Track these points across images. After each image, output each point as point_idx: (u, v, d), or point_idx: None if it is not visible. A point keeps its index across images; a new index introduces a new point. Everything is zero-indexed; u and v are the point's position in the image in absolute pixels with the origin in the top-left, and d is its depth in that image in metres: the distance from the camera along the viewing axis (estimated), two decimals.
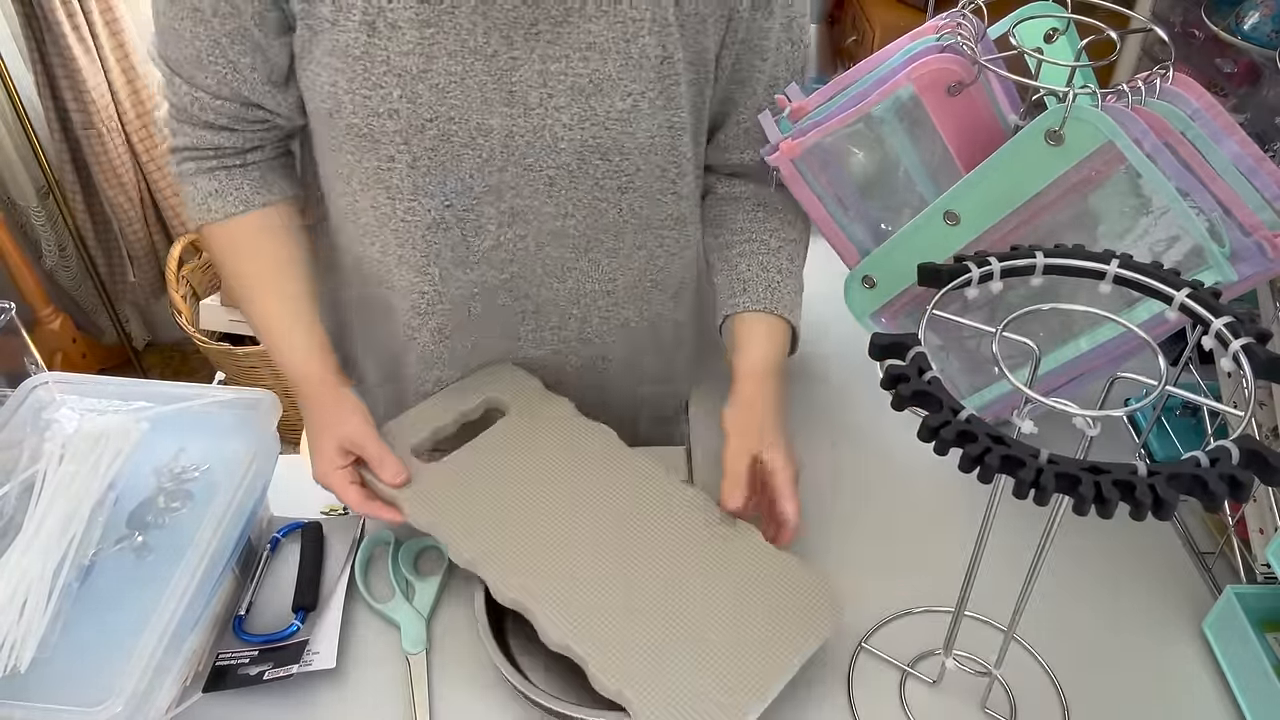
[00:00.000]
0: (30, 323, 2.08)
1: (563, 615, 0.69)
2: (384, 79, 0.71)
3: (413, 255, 0.82)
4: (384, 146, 0.74)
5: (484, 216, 0.80)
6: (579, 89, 0.74)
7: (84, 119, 1.90)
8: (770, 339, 0.84)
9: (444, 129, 0.74)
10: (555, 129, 0.75)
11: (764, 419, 0.79)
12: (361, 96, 0.72)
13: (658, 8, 0.73)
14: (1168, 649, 0.76)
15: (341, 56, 0.71)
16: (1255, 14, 1.03)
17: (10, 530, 0.68)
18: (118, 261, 2.17)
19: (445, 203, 0.78)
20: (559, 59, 0.73)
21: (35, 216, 2.08)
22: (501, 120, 0.74)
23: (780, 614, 0.71)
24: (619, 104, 0.75)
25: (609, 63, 0.73)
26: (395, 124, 0.73)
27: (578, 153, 0.77)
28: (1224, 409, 0.53)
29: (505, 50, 0.71)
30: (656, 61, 0.74)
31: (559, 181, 0.78)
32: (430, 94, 0.72)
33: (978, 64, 0.76)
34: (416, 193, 0.77)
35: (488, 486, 0.78)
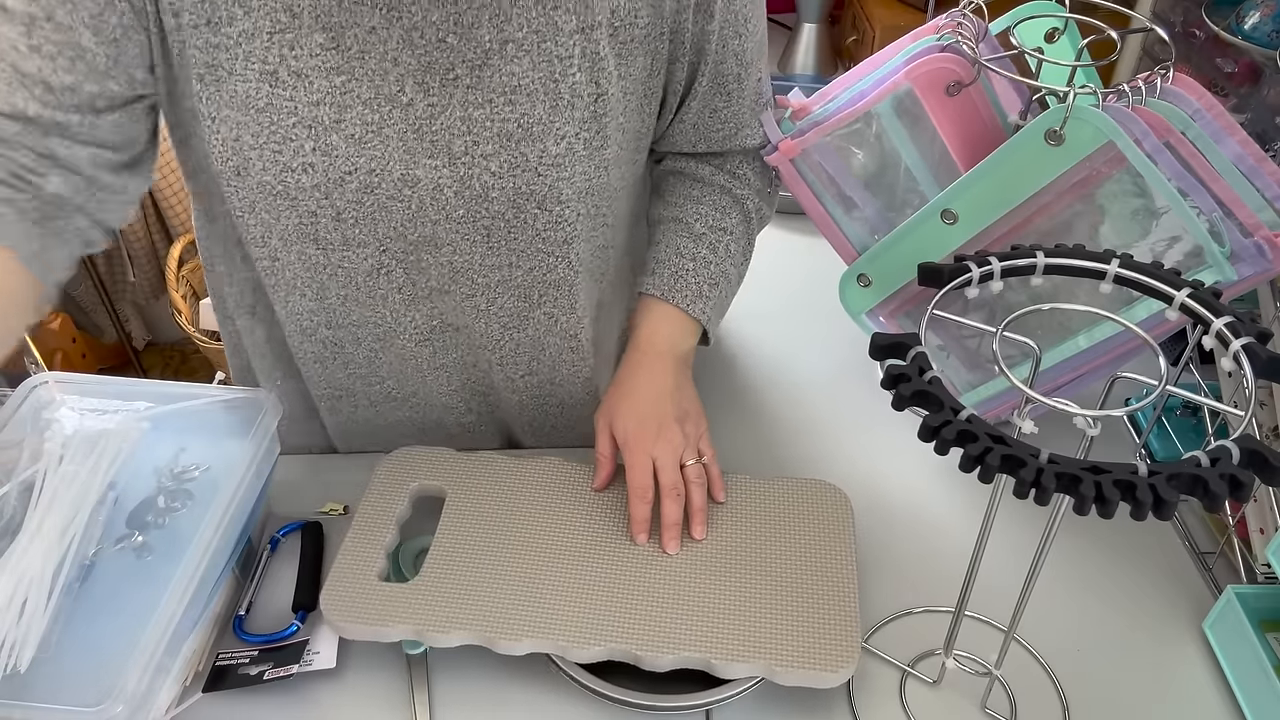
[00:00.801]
0: None
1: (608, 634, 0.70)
2: (293, 131, 0.66)
3: (358, 295, 0.78)
4: (303, 203, 0.70)
5: (424, 263, 0.76)
6: (506, 135, 0.69)
7: None
8: (662, 322, 0.83)
9: (366, 181, 0.69)
10: (484, 178, 0.71)
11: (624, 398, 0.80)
12: (271, 151, 0.67)
13: (588, 42, 0.68)
14: (1168, 649, 0.76)
15: (243, 109, 0.66)
16: (1255, 14, 1.03)
17: (10, 530, 0.68)
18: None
19: (382, 249, 0.74)
20: (482, 105, 0.68)
21: None
22: (426, 171, 0.70)
23: (800, 534, 0.75)
24: (551, 148, 0.70)
25: (538, 106, 0.69)
26: (311, 178, 0.68)
27: (511, 201, 0.73)
28: (1224, 409, 0.53)
29: (422, 98, 0.67)
30: (589, 100, 0.70)
31: (496, 233, 0.75)
32: (346, 145, 0.67)
33: (977, 64, 0.76)
34: (348, 244, 0.73)
35: (476, 572, 0.74)
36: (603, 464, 0.80)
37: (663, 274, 0.84)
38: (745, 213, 0.88)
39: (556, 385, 0.88)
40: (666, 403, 0.80)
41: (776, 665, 0.68)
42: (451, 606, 0.71)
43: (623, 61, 0.71)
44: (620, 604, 0.71)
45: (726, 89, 0.79)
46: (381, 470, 0.81)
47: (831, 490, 0.80)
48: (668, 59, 0.74)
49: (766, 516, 0.78)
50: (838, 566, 0.74)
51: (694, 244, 0.84)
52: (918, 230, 0.81)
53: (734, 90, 0.80)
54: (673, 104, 0.79)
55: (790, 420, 0.97)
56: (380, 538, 0.76)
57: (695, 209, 0.86)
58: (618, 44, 0.70)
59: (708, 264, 0.84)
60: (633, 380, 0.81)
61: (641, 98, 0.75)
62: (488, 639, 0.69)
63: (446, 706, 0.72)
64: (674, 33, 0.73)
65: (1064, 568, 0.81)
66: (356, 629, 0.70)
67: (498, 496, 0.79)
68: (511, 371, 0.85)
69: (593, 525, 0.77)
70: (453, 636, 0.70)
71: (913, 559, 0.83)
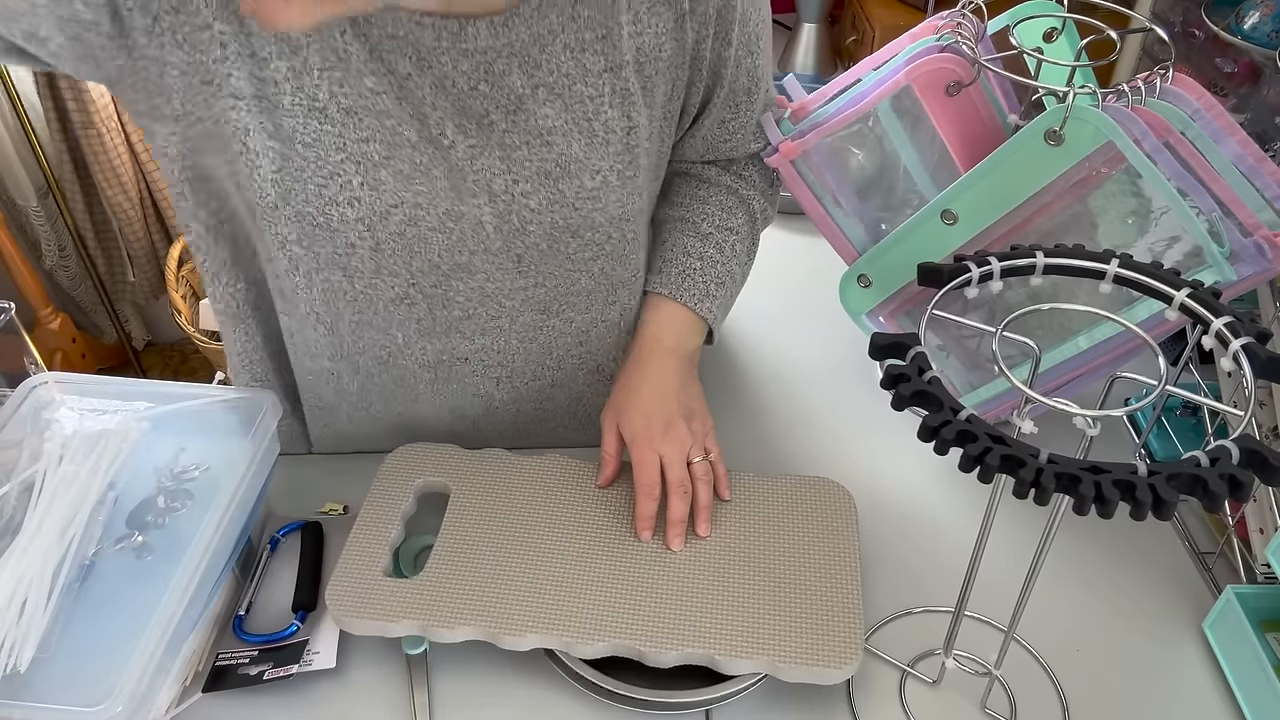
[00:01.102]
0: (30, 323, 2.08)
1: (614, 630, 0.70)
2: (342, 166, 0.66)
3: (375, 320, 0.78)
4: (343, 234, 0.70)
5: (452, 291, 0.76)
6: (545, 173, 0.71)
7: (84, 119, 1.90)
8: (669, 320, 0.84)
9: (411, 214, 0.70)
10: (523, 213, 0.72)
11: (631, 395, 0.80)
12: (316, 184, 0.67)
13: (617, 80, 0.70)
14: (1168, 649, 0.76)
15: (288, 143, 0.65)
16: (1255, 14, 1.03)
17: (10, 530, 0.68)
18: (117, 261, 2.17)
19: (410, 281, 0.75)
20: (519, 146, 0.69)
21: (35, 216, 2.08)
22: (470, 208, 0.71)
23: (803, 530, 0.76)
24: (588, 183, 0.72)
25: (574, 144, 0.70)
26: (356, 211, 0.68)
27: (548, 234, 0.74)
28: (1224, 409, 0.53)
29: (462, 140, 0.68)
30: (622, 134, 0.72)
31: (528, 259, 0.75)
32: (395, 181, 0.68)
33: (977, 64, 0.76)
34: (379, 272, 0.73)
35: (480, 568, 0.74)
36: (608, 461, 0.80)
37: (670, 272, 0.84)
38: (750, 213, 0.89)
39: (556, 387, 0.88)
40: (673, 400, 0.80)
41: (780, 661, 0.68)
42: (456, 602, 0.71)
43: (648, 92, 0.72)
44: (624, 600, 0.71)
45: (737, 103, 0.81)
46: (387, 466, 0.81)
47: (834, 487, 0.80)
48: (686, 83, 0.76)
49: (769, 513, 0.78)
50: (841, 563, 0.74)
51: (701, 243, 0.85)
52: (918, 230, 0.81)
53: (744, 104, 0.81)
54: (685, 122, 0.81)
55: (790, 420, 0.97)
56: (385, 533, 0.76)
57: (702, 209, 0.86)
58: (643, 78, 0.72)
59: (714, 263, 0.85)
60: (639, 377, 0.82)
61: (663, 121, 0.77)
62: (492, 634, 0.69)
63: (446, 706, 0.72)
64: (694, 59, 0.74)
65: (1064, 568, 0.81)
66: (362, 624, 0.70)
67: (502, 493, 0.79)
68: (518, 381, 0.86)
69: (597, 522, 0.77)
70: (457, 632, 0.70)
71: (913, 559, 0.83)
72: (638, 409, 0.79)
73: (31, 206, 2.06)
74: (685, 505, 0.76)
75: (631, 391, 0.81)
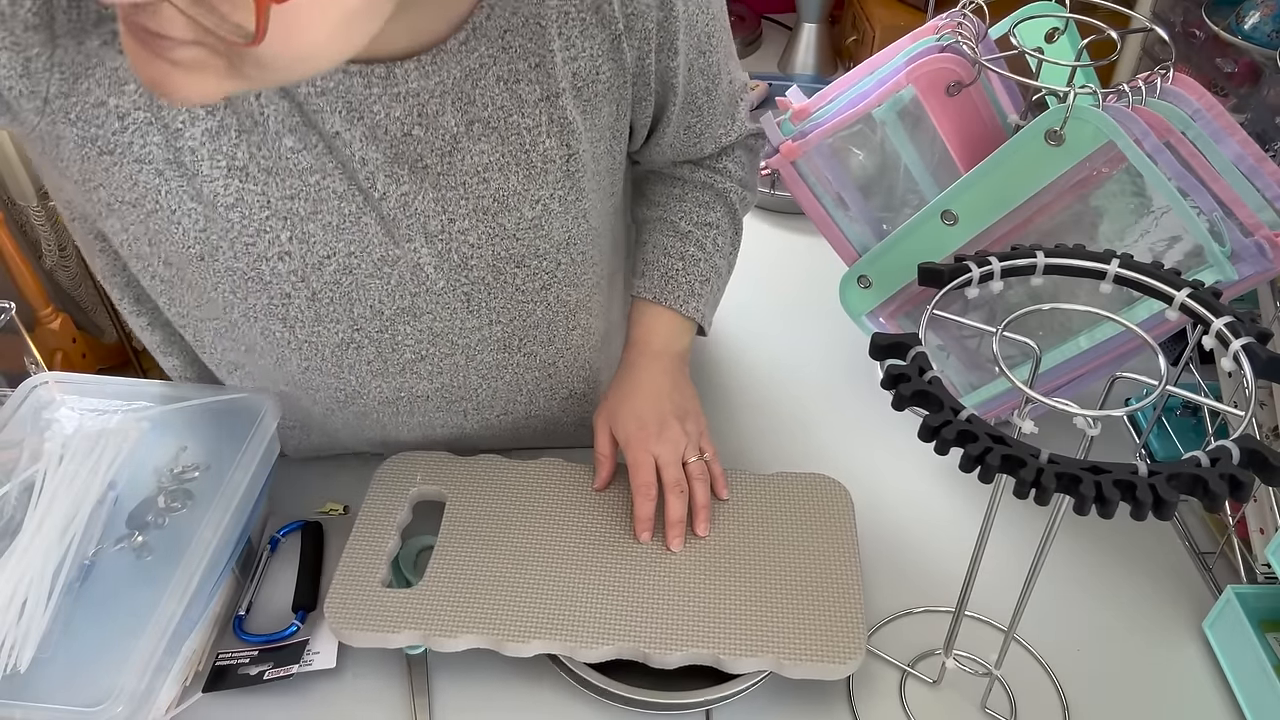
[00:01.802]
0: (30, 322, 2.07)
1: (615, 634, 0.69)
2: (267, 223, 0.64)
3: (324, 365, 0.75)
4: (276, 286, 0.67)
5: (400, 335, 0.74)
6: (482, 210, 0.68)
7: None
8: (656, 323, 0.83)
9: (344, 263, 0.67)
10: (463, 250, 0.70)
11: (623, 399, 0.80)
12: (244, 243, 0.64)
13: (554, 108, 0.67)
14: (1168, 649, 0.76)
15: (210, 205, 0.62)
16: (1255, 14, 1.03)
17: (10, 530, 0.68)
18: None
19: (354, 326, 0.72)
20: (454, 186, 0.67)
21: (35, 216, 2.07)
22: (405, 251, 0.68)
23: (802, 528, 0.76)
24: (528, 213, 0.70)
25: (511, 178, 0.68)
26: (288, 265, 0.66)
27: (491, 266, 0.72)
28: (1224, 409, 0.53)
29: (394, 189, 0.65)
30: (561, 162, 0.69)
31: (475, 296, 0.73)
32: (324, 233, 0.65)
33: (978, 64, 0.76)
34: (320, 320, 0.71)
35: (480, 575, 0.73)
36: (602, 463, 0.80)
37: (653, 276, 0.84)
38: (729, 204, 0.87)
39: (531, 417, 0.87)
40: (665, 401, 0.80)
41: (784, 659, 0.68)
42: (457, 611, 0.70)
43: (588, 116, 0.70)
44: (627, 603, 0.71)
45: (698, 105, 0.78)
46: (380, 476, 0.81)
47: (830, 483, 0.80)
48: (632, 100, 0.73)
49: (768, 511, 0.78)
50: (840, 558, 0.74)
51: (681, 242, 0.84)
52: (918, 231, 0.81)
53: (705, 104, 0.79)
54: (642, 134, 0.78)
55: (790, 421, 0.97)
56: (381, 544, 0.75)
57: (679, 207, 0.85)
58: (582, 103, 0.69)
59: (697, 261, 0.84)
60: (631, 381, 0.81)
61: (610, 141, 0.74)
62: (495, 642, 0.69)
63: (446, 706, 0.72)
64: (637, 77, 0.72)
65: (1064, 568, 0.81)
66: (362, 637, 0.70)
67: (498, 499, 0.79)
68: (487, 414, 0.84)
69: (595, 525, 0.77)
70: (460, 641, 0.69)
71: (913, 559, 0.83)
72: (630, 411, 0.79)
73: (31, 206, 2.06)
74: (683, 505, 0.75)
75: (624, 396, 0.80)
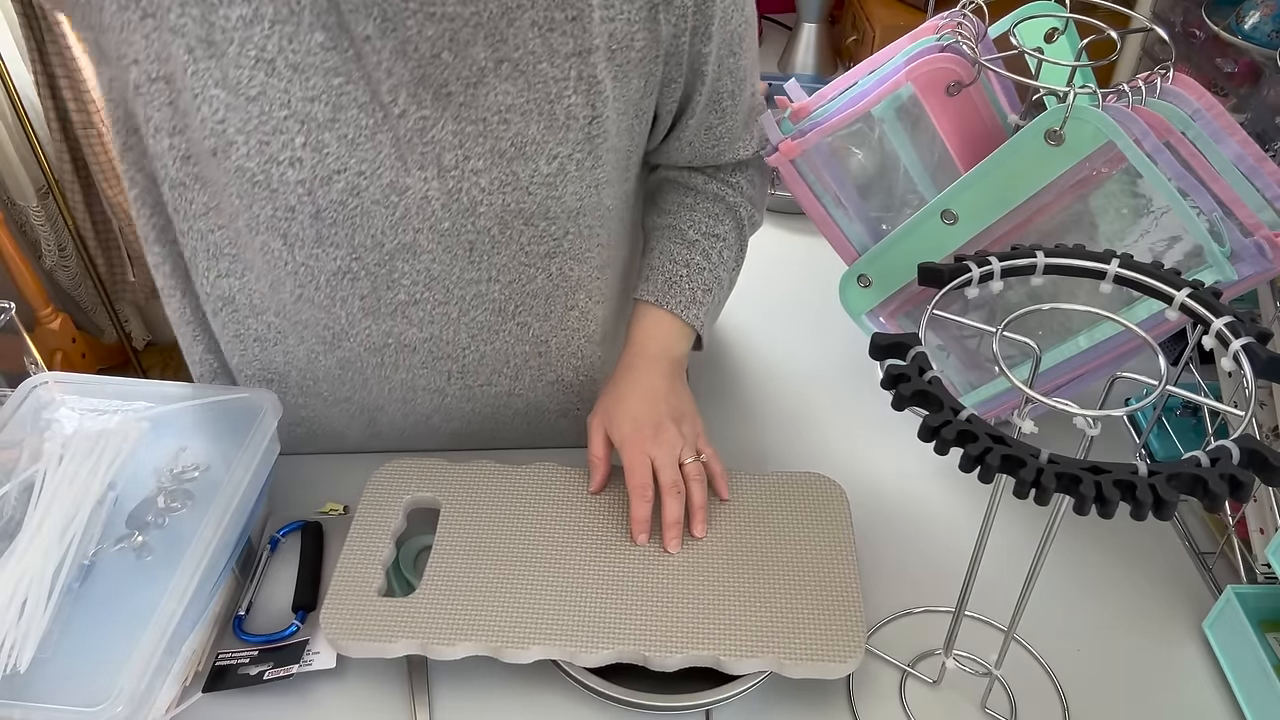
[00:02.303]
0: (30, 322, 2.08)
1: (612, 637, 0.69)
2: (285, 123, 0.64)
3: (316, 296, 0.75)
4: (283, 195, 0.68)
5: (397, 272, 0.74)
6: (499, 152, 0.69)
7: (84, 119, 1.90)
8: (655, 327, 0.83)
9: (353, 182, 0.68)
10: (473, 192, 0.70)
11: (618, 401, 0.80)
12: (259, 139, 0.65)
13: (584, 66, 0.67)
14: (1168, 649, 0.76)
15: (233, 93, 0.63)
16: (1255, 14, 1.03)
17: (10, 530, 0.68)
18: (117, 261, 2.17)
19: (353, 255, 0.73)
20: (475, 121, 0.67)
21: (35, 216, 2.08)
22: (416, 181, 0.69)
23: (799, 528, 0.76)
24: (544, 168, 0.70)
25: (532, 126, 0.68)
26: (298, 173, 0.66)
27: (499, 218, 0.72)
28: (1224, 409, 0.53)
29: (415, 110, 0.66)
30: (584, 122, 0.69)
31: (479, 247, 0.74)
32: (338, 144, 0.66)
33: (977, 64, 0.76)
34: (320, 241, 0.71)
35: (477, 582, 0.73)
36: (597, 466, 0.79)
37: (657, 280, 0.84)
38: (738, 220, 0.88)
39: (514, 396, 0.87)
40: (661, 404, 0.80)
41: (784, 659, 0.68)
42: (455, 619, 0.70)
43: (618, 84, 0.70)
44: (625, 606, 0.71)
45: (721, 106, 0.79)
46: (373, 484, 0.80)
47: (826, 482, 0.80)
48: (661, 81, 0.74)
49: (764, 511, 0.78)
50: (838, 557, 0.74)
51: (688, 251, 0.84)
52: (918, 230, 0.81)
53: (729, 107, 0.80)
54: (666, 121, 0.79)
55: (790, 421, 0.97)
56: (376, 553, 0.75)
57: (689, 216, 0.86)
58: (614, 67, 0.69)
59: (701, 270, 0.84)
60: (627, 383, 0.81)
61: (633, 118, 0.75)
62: (494, 649, 0.69)
63: (446, 705, 0.72)
64: (670, 55, 0.72)
65: (1064, 568, 0.81)
66: (359, 647, 0.70)
67: (493, 504, 0.78)
68: (471, 380, 0.84)
69: (592, 529, 0.77)
70: (458, 649, 0.69)
71: (913, 559, 0.83)
72: (625, 413, 0.79)
73: (31, 206, 2.06)
74: (680, 506, 0.75)
75: (619, 398, 0.80)
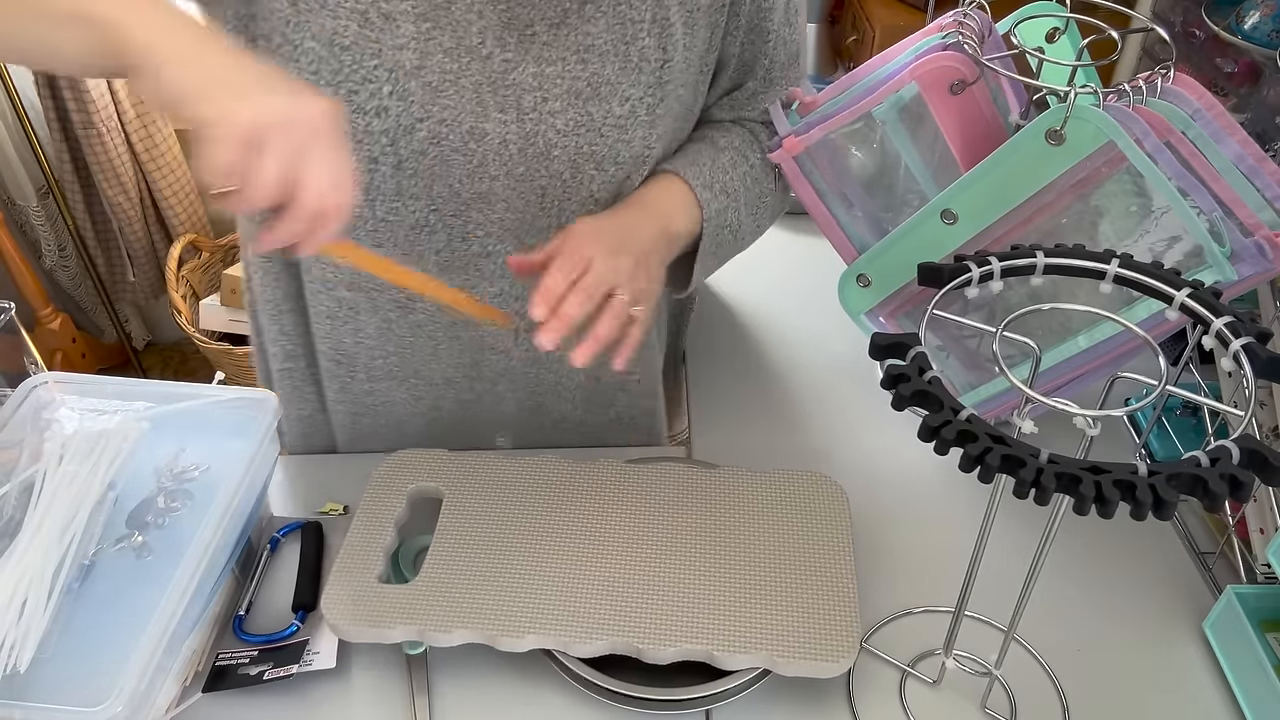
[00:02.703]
0: (30, 322, 2.08)
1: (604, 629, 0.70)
2: (375, 73, 0.66)
3: (393, 253, 0.76)
4: (366, 147, 0.70)
5: (472, 223, 0.75)
6: (575, 93, 0.70)
7: (84, 119, 1.90)
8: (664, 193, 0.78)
9: (435, 130, 0.69)
10: (549, 134, 0.71)
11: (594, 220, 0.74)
12: (348, 89, 0.67)
13: (659, 8, 0.70)
14: (1168, 649, 0.76)
15: (328, 44, 0.65)
16: (1255, 14, 1.03)
17: (10, 530, 0.68)
18: (117, 261, 2.17)
19: (431, 206, 0.74)
20: (555, 61, 0.69)
21: (35, 216, 2.08)
22: (495, 125, 0.70)
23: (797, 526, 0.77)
24: (616, 109, 0.72)
25: (607, 66, 0.70)
26: (383, 123, 0.68)
27: (571, 161, 0.73)
28: (1224, 409, 0.53)
29: (499, 52, 0.68)
30: (656, 65, 0.72)
31: (551, 192, 0.75)
32: (423, 92, 0.68)
33: (981, 62, 0.76)
34: (400, 194, 0.73)
35: (476, 571, 0.73)
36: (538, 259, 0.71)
37: (679, 159, 0.80)
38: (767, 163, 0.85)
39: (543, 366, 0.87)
40: (634, 243, 0.74)
41: (778, 656, 0.68)
42: (453, 606, 0.71)
43: (688, 31, 0.73)
44: (621, 598, 0.71)
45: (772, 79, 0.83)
46: (379, 473, 0.81)
47: (827, 482, 0.80)
48: (724, 32, 0.76)
49: (764, 509, 0.78)
50: (835, 557, 0.74)
51: (715, 152, 0.82)
52: (918, 230, 0.81)
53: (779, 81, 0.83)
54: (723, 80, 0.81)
55: (790, 420, 0.97)
56: (379, 539, 0.76)
57: (722, 134, 0.85)
58: (685, 12, 0.72)
59: (725, 171, 0.82)
60: (610, 216, 0.76)
61: (698, 71, 0.77)
62: (490, 637, 0.69)
63: (446, 706, 0.72)
64: (732, 5, 0.75)
65: (1064, 568, 0.81)
66: (358, 631, 0.70)
67: (495, 496, 0.79)
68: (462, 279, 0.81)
69: (591, 521, 0.77)
70: (455, 635, 0.70)
71: (913, 559, 0.83)
72: (595, 223, 0.73)
73: (31, 206, 2.06)
74: (579, 311, 0.67)
75: (596, 219, 0.74)
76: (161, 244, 2.17)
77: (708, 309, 1.12)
